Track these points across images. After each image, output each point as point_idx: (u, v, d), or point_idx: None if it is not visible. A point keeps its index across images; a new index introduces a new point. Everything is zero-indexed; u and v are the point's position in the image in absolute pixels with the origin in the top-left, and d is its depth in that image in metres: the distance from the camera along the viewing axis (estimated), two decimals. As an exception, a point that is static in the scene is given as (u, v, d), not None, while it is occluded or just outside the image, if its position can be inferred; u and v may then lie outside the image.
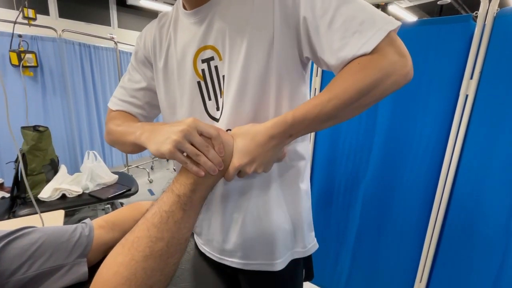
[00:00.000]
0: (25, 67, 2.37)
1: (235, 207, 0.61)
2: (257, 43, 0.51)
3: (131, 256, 0.39)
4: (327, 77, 1.41)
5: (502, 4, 0.94)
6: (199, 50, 0.57)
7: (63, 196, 1.93)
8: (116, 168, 3.32)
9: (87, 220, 0.57)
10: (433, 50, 1.09)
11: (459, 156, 1.09)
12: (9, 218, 1.70)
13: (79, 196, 1.97)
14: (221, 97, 0.57)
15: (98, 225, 0.57)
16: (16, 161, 1.90)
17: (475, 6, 1.02)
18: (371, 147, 1.31)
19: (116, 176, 2.26)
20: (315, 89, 1.45)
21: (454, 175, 1.11)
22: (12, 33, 2.18)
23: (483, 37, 0.99)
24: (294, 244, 0.66)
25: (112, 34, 3.28)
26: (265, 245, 0.63)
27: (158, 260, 0.40)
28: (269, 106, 0.55)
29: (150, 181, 3.74)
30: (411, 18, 5.19)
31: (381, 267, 1.38)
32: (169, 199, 0.44)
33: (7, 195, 1.97)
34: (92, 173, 2.11)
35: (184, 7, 0.59)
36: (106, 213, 0.65)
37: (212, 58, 0.56)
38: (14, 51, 2.27)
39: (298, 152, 0.62)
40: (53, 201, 1.87)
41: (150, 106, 0.71)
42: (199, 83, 0.59)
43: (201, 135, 0.46)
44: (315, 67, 1.43)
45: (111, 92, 3.30)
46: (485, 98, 1.02)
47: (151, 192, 3.42)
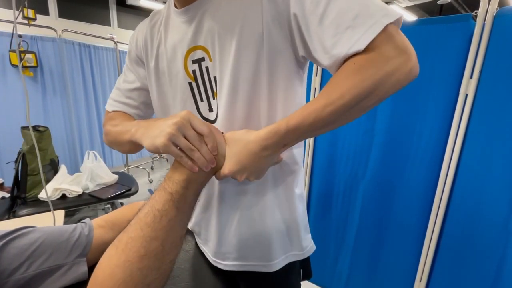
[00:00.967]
0: (25, 67, 2.37)
1: (230, 208, 0.61)
2: (246, 43, 0.49)
3: (126, 257, 0.39)
4: (327, 77, 1.41)
5: (501, 3, 0.94)
6: (189, 50, 0.56)
7: (63, 196, 1.93)
8: (116, 168, 3.32)
9: (87, 220, 0.57)
10: (432, 50, 1.09)
11: (458, 156, 1.09)
12: (9, 218, 1.70)
13: (79, 196, 1.97)
14: (213, 98, 0.57)
15: (97, 224, 0.57)
16: (16, 161, 1.90)
17: (475, 6, 1.02)
18: (371, 147, 1.31)
19: (116, 176, 2.26)
20: (315, 88, 1.44)
21: (454, 174, 1.11)
22: (12, 33, 2.19)
23: (482, 36, 0.99)
24: (290, 247, 0.66)
25: (112, 34, 3.28)
26: (260, 246, 0.63)
27: (153, 259, 0.40)
28: (260, 107, 0.53)
29: (150, 181, 3.73)
30: (411, 18, 5.19)
31: (381, 266, 1.38)
32: (161, 198, 0.44)
33: (7, 195, 1.97)
34: (92, 173, 2.11)
35: (175, 6, 0.57)
36: (106, 213, 0.65)
37: (203, 59, 0.55)
38: (14, 51, 2.27)
39: (293, 157, 0.61)
40: (53, 201, 1.87)
41: (145, 106, 0.71)
42: (190, 84, 0.58)
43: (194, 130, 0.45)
44: (314, 66, 1.43)
45: (111, 92, 3.28)
46: (485, 97, 1.02)
47: (151, 192, 3.38)
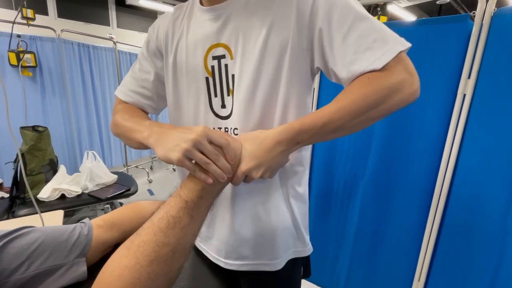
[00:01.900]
0: (24, 67, 2.37)
1: (236, 206, 0.62)
2: (272, 47, 0.52)
3: (136, 260, 0.39)
4: (326, 78, 1.41)
5: (499, 3, 0.94)
6: (212, 47, 0.58)
7: (62, 196, 1.93)
8: (115, 168, 3.32)
9: (86, 220, 0.57)
10: (430, 50, 1.09)
11: (457, 156, 1.10)
12: (8, 218, 1.70)
13: (79, 196, 1.97)
14: (228, 95, 0.58)
15: (97, 224, 0.57)
16: (15, 161, 1.90)
17: (474, 6, 1.02)
18: (370, 147, 1.32)
19: (116, 176, 2.26)
20: (314, 88, 1.45)
21: (452, 174, 1.12)
22: (11, 33, 2.19)
23: (480, 36, 0.99)
24: (293, 246, 0.67)
25: (111, 34, 3.28)
26: (263, 245, 0.63)
27: (163, 265, 0.40)
28: (276, 108, 0.56)
29: (150, 181, 3.73)
30: (410, 18, 5.19)
31: (380, 266, 1.38)
32: (176, 204, 0.44)
33: (6, 195, 1.96)
34: (92, 173, 2.11)
35: (201, 3, 0.60)
36: (106, 213, 0.65)
37: (223, 56, 0.57)
38: (12, 51, 2.27)
39: (300, 158, 0.63)
40: (52, 201, 1.87)
41: (158, 98, 0.71)
42: (207, 79, 0.60)
43: (210, 143, 0.46)
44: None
45: (110, 91, 3.29)
46: (482, 97, 1.02)
47: (150, 192, 3.41)
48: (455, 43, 1.05)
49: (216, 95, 0.60)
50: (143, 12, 5.95)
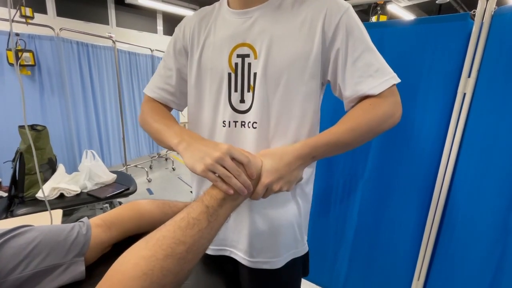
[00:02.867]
0: (22, 65, 2.36)
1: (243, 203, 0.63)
2: (295, 53, 0.59)
3: (153, 253, 0.41)
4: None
5: (499, 2, 0.94)
6: (237, 46, 0.63)
7: (61, 196, 1.92)
8: (114, 167, 3.31)
9: (85, 219, 0.57)
10: (430, 49, 1.09)
11: (456, 155, 1.10)
12: (6, 217, 1.69)
13: (77, 195, 1.97)
14: (248, 91, 0.63)
15: (95, 224, 0.57)
16: (14, 160, 1.89)
17: (474, 5, 1.02)
18: (369, 146, 1.31)
19: (115, 175, 2.26)
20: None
21: (452, 173, 1.12)
22: (10, 32, 2.18)
23: (480, 35, 0.99)
24: (294, 244, 0.69)
25: (110, 33, 3.27)
26: (269, 242, 0.66)
27: (175, 262, 0.42)
28: (294, 108, 0.62)
29: (149, 180, 3.73)
30: (409, 17, 5.19)
31: (379, 265, 1.38)
32: (198, 208, 0.48)
33: (5, 194, 1.96)
34: (90, 172, 2.10)
35: (228, 5, 0.66)
36: (105, 212, 0.65)
37: (248, 55, 0.62)
38: (11, 49, 2.26)
39: None
40: (51, 200, 1.87)
41: (181, 94, 0.75)
42: (229, 74, 0.64)
43: (233, 159, 0.50)
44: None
45: (109, 91, 3.29)
46: (483, 96, 1.02)
47: (149, 191, 3.41)
48: (455, 41, 1.05)
49: (236, 90, 0.64)
50: (142, 11, 5.94)
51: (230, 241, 0.69)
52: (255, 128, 0.63)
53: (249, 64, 0.62)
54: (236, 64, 0.63)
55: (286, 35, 0.59)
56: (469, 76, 1.03)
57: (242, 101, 0.64)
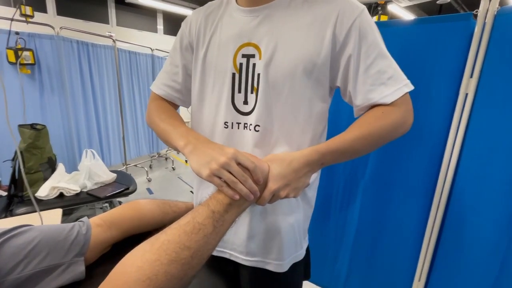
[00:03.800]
0: (22, 64, 2.35)
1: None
2: (302, 57, 0.56)
3: (158, 257, 0.40)
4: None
5: (502, 2, 0.93)
6: (243, 45, 0.61)
7: (61, 195, 1.92)
8: (114, 167, 3.30)
9: (85, 219, 0.57)
10: (433, 49, 1.09)
11: (458, 155, 1.09)
12: (6, 216, 1.69)
13: (77, 194, 1.96)
14: (252, 93, 0.61)
15: (95, 223, 0.57)
16: (13, 159, 1.89)
17: (474, 6, 1.01)
18: (371, 146, 1.31)
19: (114, 175, 2.25)
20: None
21: (454, 174, 1.11)
22: (9, 31, 2.17)
23: (483, 35, 0.98)
24: (296, 247, 0.68)
25: (110, 32, 3.26)
26: (269, 243, 0.65)
27: (180, 268, 0.41)
28: (299, 113, 0.60)
29: (149, 180, 3.73)
30: (410, 18, 5.18)
31: (380, 266, 1.38)
32: (203, 213, 0.47)
33: (4, 193, 1.95)
34: (90, 171, 2.10)
35: (237, 2, 0.63)
36: (104, 212, 0.64)
37: (253, 56, 0.60)
38: (11, 48, 2.25)
39: None
40: (50, 199, 1.86)
41: (187, 91, 0.74)
42: (233, 74, 0.62)
43: (239, 164, 0.49)
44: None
45: (109, 90, 3.28)
46: (485, 96, 1.01)
47: (149, 191, 3.41)
48: (458, 41, 1.04)
49: (240, 91, 0.62)
50: (142, 10, 5.93)
51: (230, 243, 0.67)
52: (257, 131, 0.60)
53: (254, 65, 0.60)
54: (241, 64, 0.61)
55: (293, 36, 0.57)
56: (471, 76, 1.02)
57: (246, 102, 0.62)
